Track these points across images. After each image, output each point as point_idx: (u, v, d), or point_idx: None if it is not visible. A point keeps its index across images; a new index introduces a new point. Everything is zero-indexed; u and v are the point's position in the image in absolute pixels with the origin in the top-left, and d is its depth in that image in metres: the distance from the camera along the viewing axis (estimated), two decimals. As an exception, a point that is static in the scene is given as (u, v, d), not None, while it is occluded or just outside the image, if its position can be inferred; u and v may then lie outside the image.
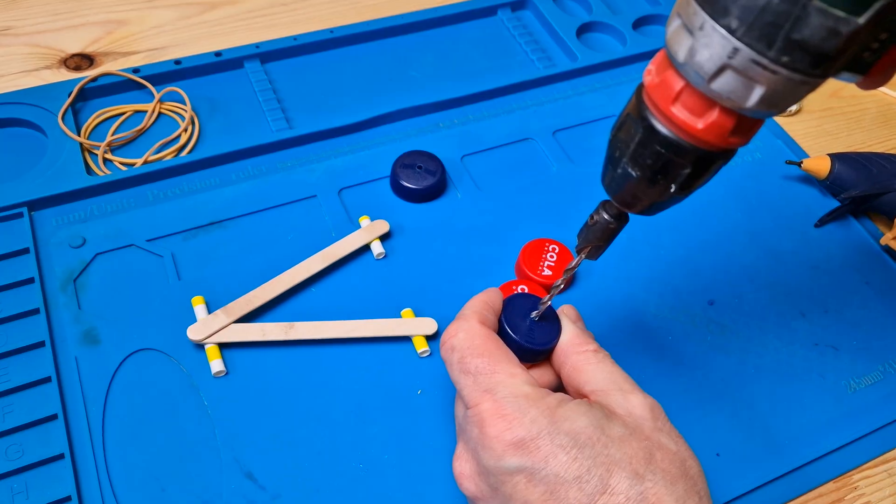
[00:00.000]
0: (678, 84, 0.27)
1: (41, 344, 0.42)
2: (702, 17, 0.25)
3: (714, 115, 0.27)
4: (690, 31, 0.25)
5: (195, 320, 0.44)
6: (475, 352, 0.33)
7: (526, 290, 0.46)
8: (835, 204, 0.53)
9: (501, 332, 0.36)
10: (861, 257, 0.51)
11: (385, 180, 0.52)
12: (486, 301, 0.36)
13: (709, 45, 0.25)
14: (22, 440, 0.39)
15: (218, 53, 0.58)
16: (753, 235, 0.52)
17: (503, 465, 0.29)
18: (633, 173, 0.30)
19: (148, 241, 0.47)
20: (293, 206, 0.50)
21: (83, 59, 0.59)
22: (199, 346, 0.43)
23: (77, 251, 0.46)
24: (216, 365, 0.42)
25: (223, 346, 0.43)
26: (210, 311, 0.44)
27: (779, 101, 0.25)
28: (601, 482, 0.29)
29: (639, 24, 0.65)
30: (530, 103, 0.59)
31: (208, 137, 0.54)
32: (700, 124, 0.27)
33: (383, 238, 0.49)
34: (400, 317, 0.45)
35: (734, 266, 0.50)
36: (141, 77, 0.55)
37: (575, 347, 0.35)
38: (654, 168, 0.29)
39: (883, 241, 0.51)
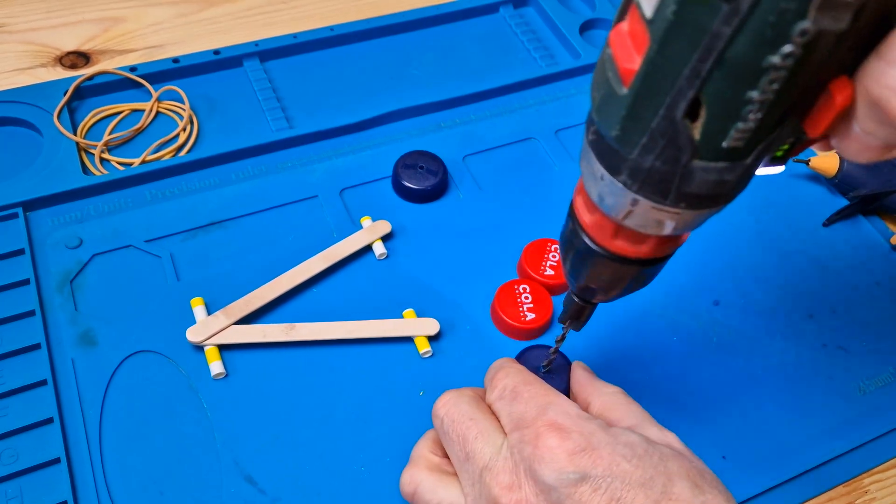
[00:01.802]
0: (611, 225, 0.28)
1: (37, 346, 0.41)
2: (600, 169, 0.25)
3: (651, 241, 0.28)
4: (595, 178, 0.26)
5: (194, 322, 0.43)
6: (528, 381, 0.33)
7: (528, 289, 0.45)
8: (843, 203, 0.53)
9: None
10: (871, 257, 0.51)
11: (387, 180, 0.52)
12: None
13: (612, 193, 0.25)
14: (17, 444, 0.38)
15: (217, 52, 0.57)
16: (760, 235, 0.51)
17: (566, 476, 0.29)
18: (594, 287, 0.31)
19: (146, 241, 0.47)
20: (294, 206, 0.50)
21: (79, 57, 0.58)
22: (199, 347, 0.42)
23: (74, 252, 0.46)
24: (216, 367, 0.41)
25: (223, 348, 0.43)
26: (209, 312, 0.43)
27: (695, 224, 0.26)
28: (665, 489, 0.29)
29: (642, 21, 0.64)
30: (532, 102, 0.58)
31: (207, 137, 0.53)
32: (643, 249, 0.28)
33: (385, 238, 0.48)
34: (402, 317, 0.45)
35: (740, 266, 0.49)
36: (138, 75, 0.55)
37: (601, 387, 0.35)
38: (610, 280, 0.30)
39: (893, 240, 0.51)
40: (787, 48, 0.19)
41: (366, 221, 0.48)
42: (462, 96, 0.57)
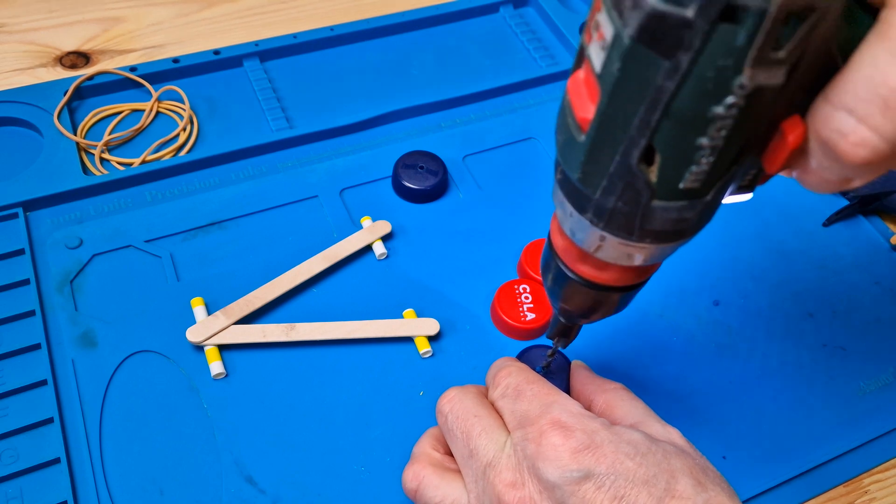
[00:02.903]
0: (583, 255, 0.28)
1: (37, 346, 0.41)
2: (569, 207, 0.26)
3: (624, 270, 0.28)
4: (565, 214, 0.27)
5: (194, 322, 0.43)
6: (531, 380, 0.33)
7: (528, 289, 0.45)
8: (843, 203, 0.53)
9: None
10: (871, 257, 0.50)
11: (387, 180, 0.52)
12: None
13: (581, 229, 0.26)
14: (17, 444, 0.38)
15: (217, 52, 0.57)
16: (760, 235, 0.51)
17: (569, 474, 0.29)
18: (572, 310, 0.32)
19: (146, 241, 0.47)
20: (294, 206, 0.50)
21: (79, 57, 0.58)
22: (199, 347, 0.42)
23: (74, 252, 0.46)
24: (216, 367, 0.41)
25: (223, 348, 0.43)
26: (210, 312, 0.43)
27: (664, 255, 0.27)
28: (668, 487, 0.29)
29: (642, 21, 0.64)
30: (533, 102, 0.58)
31: (207, 137, 0.53)
32: (617, 277, 0.29)
33: (385, 238, 0.48)
34: (402, 317, 0.45)
35: (740, 266, 0.49)
36: (138, 76, 0.55)
37: (603, 385, 0.36)
38: (588, 305, 0.31)
39: (893, 240, 0.51)
40: (730, 100, 0.20)
41: (366, 221, 0.48)
42: (462, 96, 0.57)
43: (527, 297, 0.45)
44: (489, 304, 0.46)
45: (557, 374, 0.40)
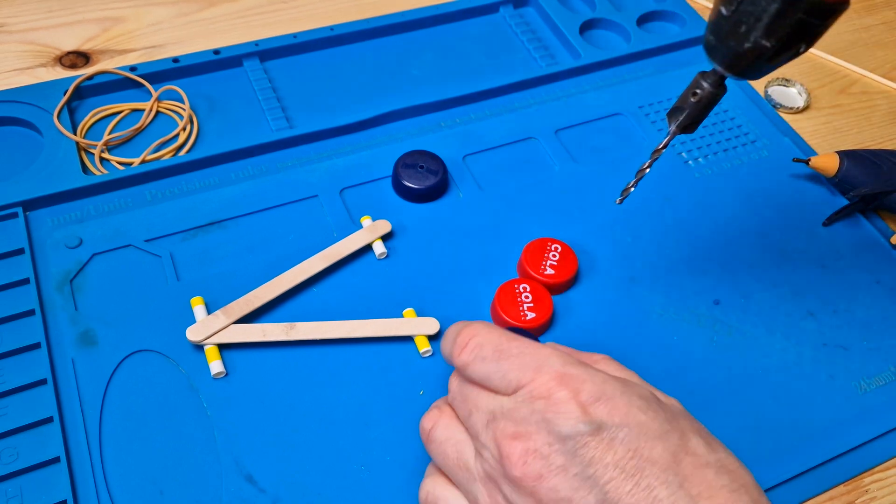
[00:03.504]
0: None
1: (37, 346, 0.41)
2: None
3: None
4: None
5: (194, 321, 0.43)
6: (509, 338, 0.31)
7: (528, 288, 0.45)
8: (843, 202, 0.53)
9: None
10: (871, 256, 0.50)
11: (387, 180, 0.52)
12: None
13: None
14: (17, 444, 0.38)
15: (216, 51, 0.57)
16: (760, 234, 0.51)
17: (582, 426, 0.28)
18: (767, 44, 0.29)
19: (146, 241, 0.47)
20: (294, 206, 0.50)
21: (79, 57, 0.58)
22: (199, 347, 0.42)
23: (73, 252, 0.46)
24: (216, 366, 0.41)
25: (223, 347, 0.42)
26: (209, 311, 0.43)
27: None
28: (681, 443, 0.28)
29: (643, 20, 0.64)
30: (532, 102, 0.58)
31: (207, 136, 0.53)
32: None
33: (385, 238, 0.48)
34: (402, 317, 0.44)
35: (740, 265, 0.49)
36: (138, 75, 0.55)
37: (588, 357, 0.34)
38: (791, 36, 0.29)
39: (893, 239, 0.51)
40: None
41: (366, 221, 0.48)
42: (462, 96, 0.57)
43: (527, 297, 0.45)
44: (489, 304, 0.46)
45: None
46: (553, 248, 0.47)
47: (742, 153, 0.56)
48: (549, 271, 0.46)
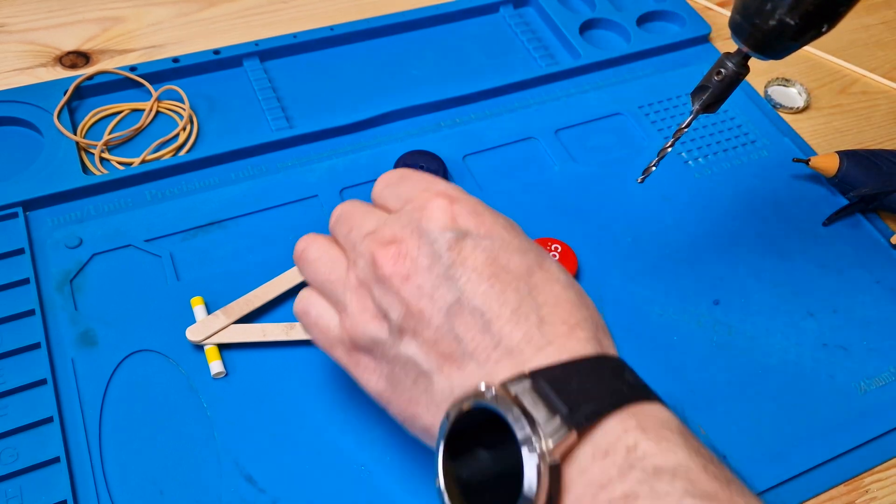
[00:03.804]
0: None
1: (37, 346, 0.41)
2: None
3: None
4: None
5: (194, 321, 0.43)
6: (413, 171, 0.35)
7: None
8: (843, 202, 0.53)
9: None
10: (871, 256, 0.50)
11: (386, 179, 0.52)
12: None
13: None
14: (17, 444, 0.38)
15: (216, 51, 0.57)
16: (760, 234, 0.51)
17: (450, 231, 0.30)
18: (791, 22, 0.31)
19: (146, 241, 0.47)
20: (294, 205, 0.50)
21: (79, 57, 0.58)
22: (199, 347, 0.42)
23: (73, 252, 0.46)
24: (216, 366, 0.41)
25: (223, 347, 0.42)
26: (209, 311, 0.43)
27: None
28: (538, 261, 0.31)
29: (643, 20, 0.64)
30: (532, 102, 0.58)
31: (207, 136, 0.53)
32: None
33: (385, 237, 0.48)
34: (402, 317, 0.44)
35: (740, 265, 0.49)
36: (138, 75, 0.55)
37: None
38: (815, 14, 0.30)
39: (893, 239, 0.51)
40: None
41: (366, 221, 0.48)
42: (462, 96, 0.57)
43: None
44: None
45: None
46: (553, 248, 0.47)
47: (742, 153, 0.56)
48: (549, 271, 0.46)
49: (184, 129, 0.53)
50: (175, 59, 0.56)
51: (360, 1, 0.65)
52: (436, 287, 0.30)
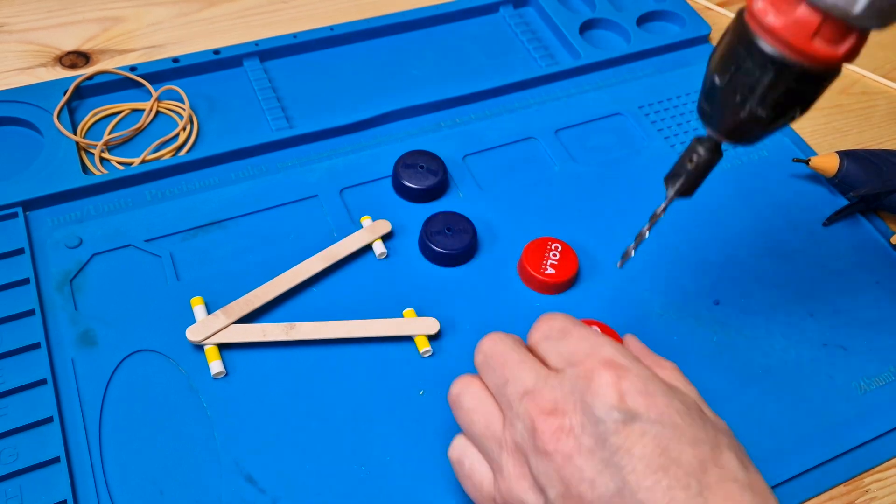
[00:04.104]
0: (816, 19, 0.27)
1: (37, 346, 0.41)
2: None
3: (853, 38, 0.27)
4: None
5: (194, 321, 0.43)
6: (577, 325, 0.33)
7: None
8: (843, 202, 0.53)
9: None
10: (871, 256, 0.50)
11: (387, 180, 0.52)
12: None
13: None
14: (16, 444, 0.38)
15: (216, 51, 0.57)
16: (760, 234, 0.51)
17: (618, 413, 0.28)
18: (763, 114, 0.30)
19: (146, 241, 0.47)
20: (294, 205, 0.50)
21: (79, 57, 0.58)
22: (199, 347, 0.42)
23: (73, 251, 0.46)
24: (216, 366, 0.41)
25: (223, 347, 0.42)
26: (209, 311, 0.43)
27: (886, 12, 0.26)
28: (713, 454, 0.28)
29: (643, 20, 0.64)
30: (532, 102, 0.58)
31: (207, 136, 0.53)
32: (840, 50, 0.28)
33: (385, 238, 0.48)
34: (402, 317, 0.44)
35: (740, 265, 0.49)
36: (138, 75, 0.55)
37: (657, 361, 0.35)
38: (786, 104, 0.29)
39: (893, 239, 0.51)
40: None
41: (366, 221, 0.48)
42: (462, 96, 0.56)
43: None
44: (489, 305, 0.46)
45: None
46: (553, 248, 0.47)
47: (742, 153, 0.56)
48: (550, 271, 0.46)
49: (184, 129, 0.53)
50: (175, 59, 0.56)
51: (359, 1, 0.65)
52: (598, 472, 0.28)
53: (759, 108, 0.30)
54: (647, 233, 0.37)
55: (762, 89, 0.29)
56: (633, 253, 0.37)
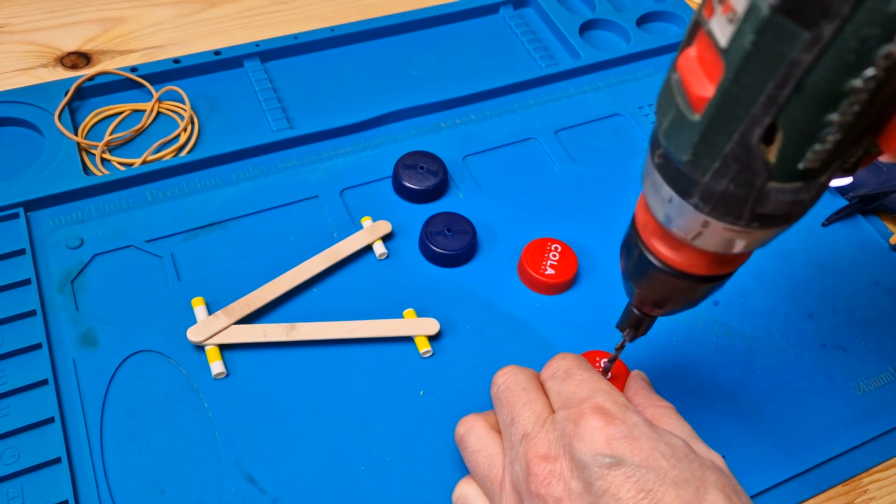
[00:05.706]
0: (676, 242, 0.28)
1: (38, 346, 0.41)
2: (668, 192, 0.25)
3: (715, 257, 0.28)
4: (662, 200, 0.26)
5: (195, 321, 0.43)
6: (583, 367, 0.34)
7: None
8: (842, 202, 0.53)
9: None
10: (870, 257, 0.51)
11: (387, 180, 0.52)
12: None
13: (682, 215, 0.25)
14: (18, 444, 0.38)
15: (217, 52, 0.57)
16: (760, 235, 0.51)
17: (601, 458, 0.29)
18: (652, 300, 0.32)
19: (147, 241, 0.47)
20: (294, 206, 0.50)
21: (80, 58, 0.58)
22: (200, 347, 0.42)
23: (75, 252, 0.46)
24: (216, 366, 0.42)
25: (224, 348, 0.43)
26: (210, 312, 0.44)
27: (765, 242, 0.26)
28: (697, 494, 0.29)
29: (642, 21, 0.64)
30: (532, 102, 0.58)
31: (208, 137, 0.53)
32: (707, 266, 0.28)
33: (385, 238, 0.48)
34: (402, 317, 0.45)
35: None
36: (139, 76, 0.55)
37: (654, 400, 0.36)
38: (668, 295, 0.31)
39: (893, 240, 0.51)
40: (869, 72, 0.19)
41: (366, 221, 0.49)
42: (462, 96, 0.57)
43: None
44: (489, 305, 0.46)
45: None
46: (553, 248, 0.47)
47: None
48: (550, 271, 0.46)
49: (185, 129, 0.53)
50: (176, 60, 0.56)
51: (360, 2, 0.65)
52: None
53: (636, 307, 0.33)
54: (619, 353, 0.39)
55: (648, 283, 0.31)
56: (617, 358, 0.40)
